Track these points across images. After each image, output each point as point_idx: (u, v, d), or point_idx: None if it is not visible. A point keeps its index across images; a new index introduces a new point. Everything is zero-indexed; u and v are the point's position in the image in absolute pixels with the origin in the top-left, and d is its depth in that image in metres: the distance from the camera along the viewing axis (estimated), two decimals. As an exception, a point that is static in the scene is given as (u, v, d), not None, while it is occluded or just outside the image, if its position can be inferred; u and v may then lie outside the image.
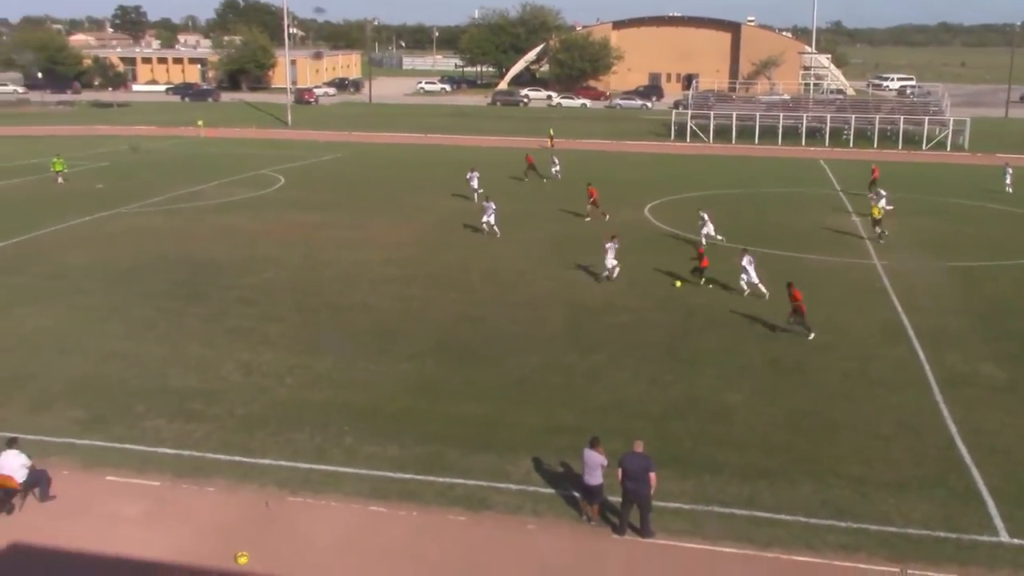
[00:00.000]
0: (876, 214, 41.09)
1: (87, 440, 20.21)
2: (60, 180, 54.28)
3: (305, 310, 29.75)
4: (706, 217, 38.94)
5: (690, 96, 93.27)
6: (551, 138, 76.95)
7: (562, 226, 43.05)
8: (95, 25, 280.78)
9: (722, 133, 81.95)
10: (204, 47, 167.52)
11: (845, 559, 15.93)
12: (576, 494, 17.67)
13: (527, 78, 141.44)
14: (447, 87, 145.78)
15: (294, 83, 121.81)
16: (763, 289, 30.97)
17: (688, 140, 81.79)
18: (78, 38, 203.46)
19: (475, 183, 49.46)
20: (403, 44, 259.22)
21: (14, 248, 37.85)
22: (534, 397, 22.84)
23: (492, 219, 40.63)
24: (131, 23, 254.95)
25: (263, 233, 41.20)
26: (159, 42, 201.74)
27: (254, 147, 74.74)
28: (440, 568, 15.72)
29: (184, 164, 64.41)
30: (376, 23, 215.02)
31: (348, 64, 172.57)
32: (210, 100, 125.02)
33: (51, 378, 23.81)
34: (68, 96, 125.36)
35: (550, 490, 18.21)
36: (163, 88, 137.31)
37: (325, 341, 26.44)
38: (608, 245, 32.99)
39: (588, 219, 44.31)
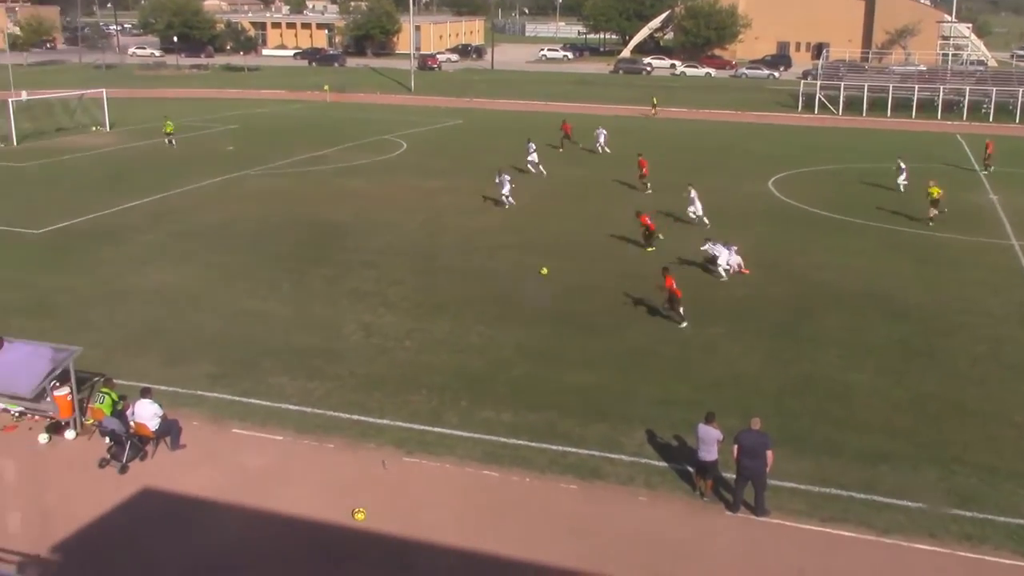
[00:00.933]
0: (935, 194, 37.38)
1: (215, 393, 21.01)
2: (170, 142, 56.05)
3: (424, 274, 30.19)
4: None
5: (820, 66, 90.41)
6: (654, 107, 76.11)
7: (675, 198, 42.39)
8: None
9: (852, 105, 79.24)
10: (332, 12, 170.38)
11: (969, 550, 15.41)
12: (690, 468, 17.53)
13: (651, 46, 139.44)
14: (569, 55, 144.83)
15: (418, 49, 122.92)
16: (721, 273, 29.75)
17: (816, 112, 79.43)
18: (212, 3, 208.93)
19: (533, 156, 48.18)
20: (526, 11, 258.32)
21: (149, 207, 39.42)
22: (649, 369, 22.70)
23: (507, 190, 39.94)
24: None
25: (384, 198, 41.88)
26: (288, 7, 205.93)
27: (377, 112, 75.88)
28: (550, 535, 15.83)
29: (309, 128, 65.82)
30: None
31: (471, 30, 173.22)
32: (336, 65, 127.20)
33: (183, 332, 24.80)
34: (201, 60, 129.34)
35: (663, 463, 18.11)
36: (291, 53, 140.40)
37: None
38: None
39: (649, 191, 43.16)
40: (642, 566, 15.04)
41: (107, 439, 18.17)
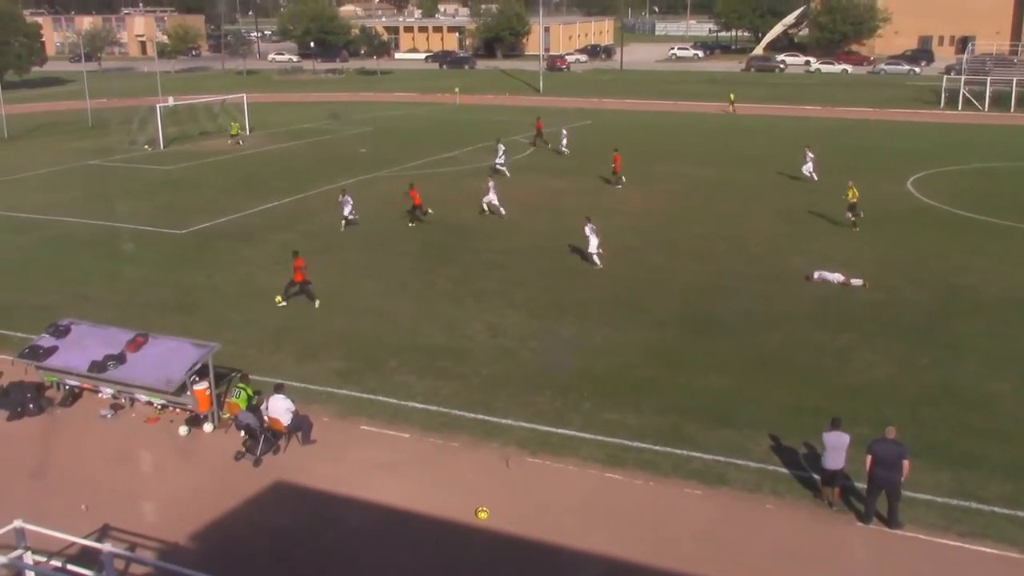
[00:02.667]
0: (851, 197, 35.13)
1: (345, 390, 21.53)
2: (235, 143, 59.06)
3: (550, 275, 30.24)
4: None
5: (964, 60, 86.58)
6: (732, 103, 75.71)
7: (800, 199, 41.26)
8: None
9: (1000, 101, 75.55)
10: (462, 16, 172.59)
11: (1123, 572, 14.52)
12: (816, 476, 17.03)
13: (784, 43, 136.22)
14: (700, 53, 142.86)
15: (547, 50, 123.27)
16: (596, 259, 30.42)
17: (960, 108, 76.04)
18: (347, 9, 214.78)
19: (501, 158, 47.59)
20: (656, 9, 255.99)
21: (287, 207, 40.70)
22: (778, 374, 22.17)
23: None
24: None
25: (511, 198, 42.05)
26: (421, 11, 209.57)
27: (506, 114, 76.41)
28: (674, 540, 15.64)
29: (439, 130, 66.79)
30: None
31: (601, 31, 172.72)
32: (466, 67, 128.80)
33: (315, 330, 25.51)
34: (336, 64, 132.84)
35: (791, 471, 17.66)
36: (423, 56, 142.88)
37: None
38: (588, 227, 31.01)
39: (620, 186, 43.98)
40: (768, 575, 14.72)
41: (242, 433, 18.84)
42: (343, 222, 36.32)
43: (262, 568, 15.27)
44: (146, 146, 59.45)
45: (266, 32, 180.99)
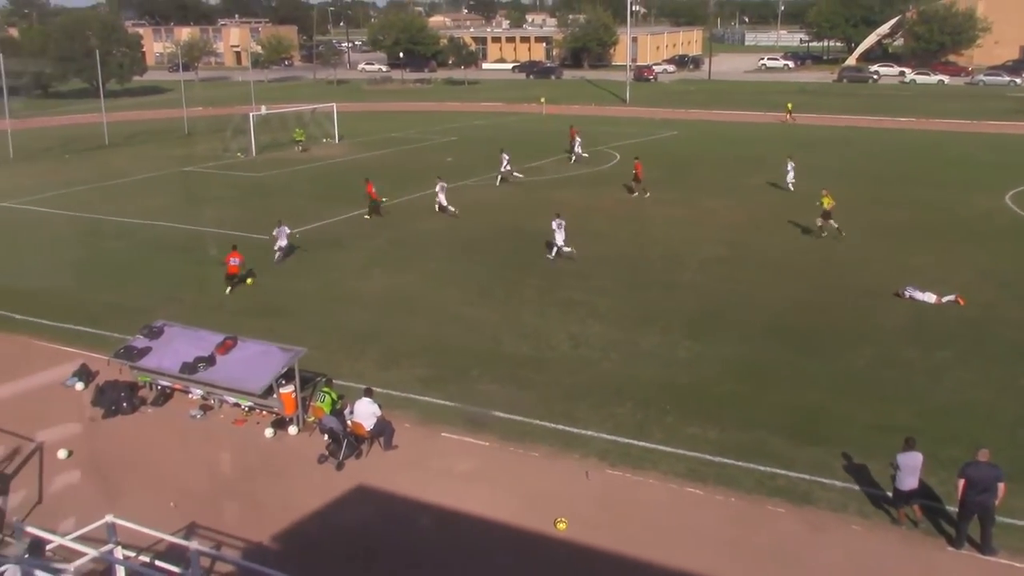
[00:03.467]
0: (826, 204, 35.40)
1: (427, 397, 21.68)
2: (301, 149, 61.08)
3: (633, 286, 30.04)
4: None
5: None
6: (789, 112, 76.04)
7: (893, 213, 40.24)
8: (452, 6, 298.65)
9: (1105, 113, 72.78)
10: (550, 26, 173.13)
11: None
12: (888, 494, 16.52)
13: (878, 53, 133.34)
14: (790, 63, 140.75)
15: (634, 60, 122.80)
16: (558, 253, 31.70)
17: (1063, 120, 73.45)
18: (436, 20, 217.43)
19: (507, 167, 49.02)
20: (746, 19, 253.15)
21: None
22: (867, 392, 21.63)
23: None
24: (484, 4, 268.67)
25: (596, 208, 42.02)
26: (508, 22, 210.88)
27: (592, 124, 76.20)
28: (756, 558, 15.35)
29: (525, 140, 66.98)
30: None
31: (689, 41, 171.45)
32: (553, 78, 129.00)
33: (399, 336, 25.76)
34: (424, 74, 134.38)
35: (880, 492, 17.17)
36: (510, 66, 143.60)
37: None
38: (556, 223, 32.91)
39: (635, 195, 44.46)
40: (853, 598, 14.35)
41: (326, 436, 19.11)
42: (276, 254, 33.81)
43: (341, 571, 15.44)
44: (239, 153, 60.90)
45: (357, 43, 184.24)
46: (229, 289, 30.02)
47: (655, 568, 15.18)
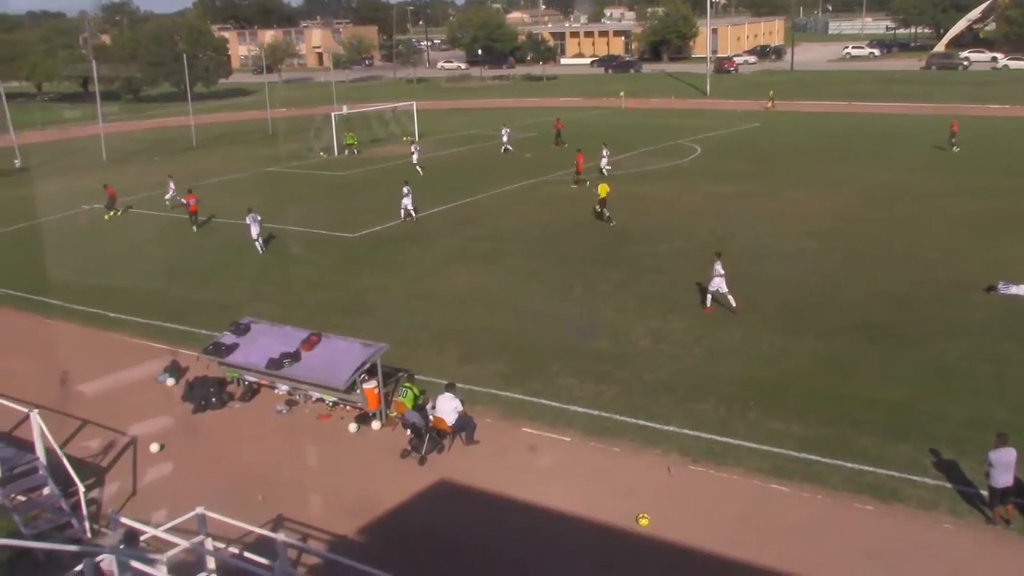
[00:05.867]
0: (602, 192, 37.54)
1: (508, 392, 21.75)
2: (351, 152, 60.92)
3: (715, 281, 29.65)
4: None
5: None
6: (771, 99, 78.24)
7: (983, 203, 38.99)
8: (530, 2, 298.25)
9: None
10: (628, 19, 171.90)
11: None
12: (983, 492, 16.02)
13: (968, 39, 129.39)
14: (875, 51, 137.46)
15: (714, 52, 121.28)
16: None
17: None
18: (514, 16, 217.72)
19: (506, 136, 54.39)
20: (829, 8, 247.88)
21: (453, 211, 41.51)
22: (959, 387, 21.03)
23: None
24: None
25: (676, 202, 41.66)
26: (586, 16, 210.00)
27: (672, 117, 75.65)
28: (842, 556, 15.05)
29: (604, 135, 66.58)
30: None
31: (771, 31, 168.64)
32: (632, 71, 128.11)
33: (480, 332, 25.90)
34: (503, 71, 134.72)
35: (972, 490, 16.68)
36: (588, 61, 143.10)
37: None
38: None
39: (575, 187, 45.16)
40: (945, 599, 13.98)
41: (408, 431, 19.31)
42: (257, 243, 35.46)
43: (424, 565, 15.59)
44: (321, 153, 61.86)
45: (436, 41, 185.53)
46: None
47: (740, 565, 15.00)
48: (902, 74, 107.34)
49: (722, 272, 26.35)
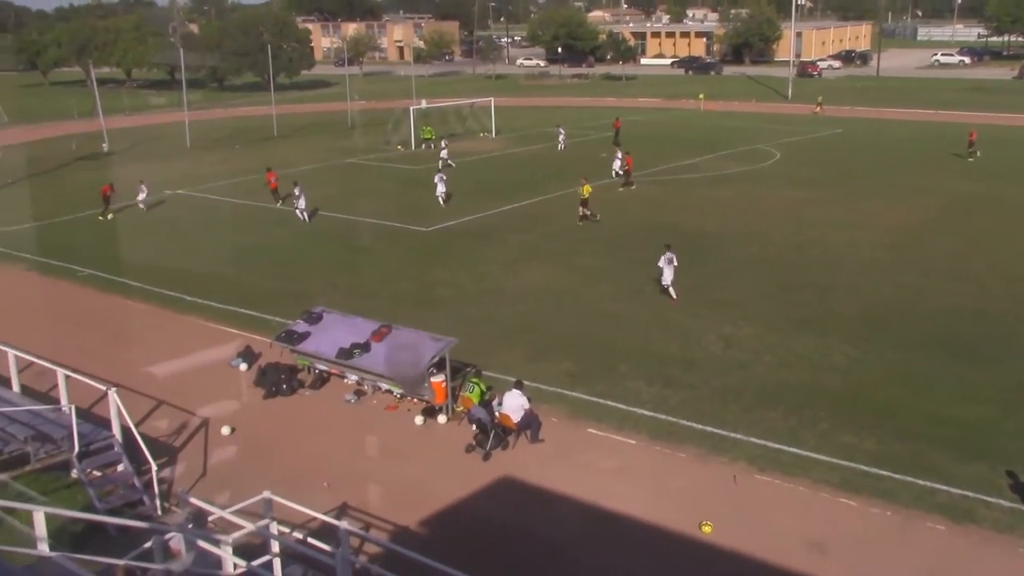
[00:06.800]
0: (584, 193, 38.06)
1: (574, 392, 21.69)
2: (427, 147, 60.67)
3: (789, 288, 29.24)
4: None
5: None
6: (819, 104, 78.94)
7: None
8: (612, 1, 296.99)
9: None
10: (711, 21, 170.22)
11: None
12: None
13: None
14: (966, 59, 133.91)
15: (798, 56, 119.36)
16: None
17: None
18: (595, 15, 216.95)
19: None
20: (919, 13, 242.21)
21: (527, 208, 41.55)
22: (1040, 407, 20.40)
23: (442, 190, 42.54)
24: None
25: (752, 207, 41.11)
26: (668, 16, 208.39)
27: (751, 121, 74.66)
28: (909, 575, 14.70)
29: (682, 137, 66.12)
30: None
31: (857, 36, 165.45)
32: (712, 73, 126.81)
33: (549, 330, 25.87)
34: (583, 69, 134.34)
35: (1051, 514, 16.18)
36: (669, 62, 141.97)
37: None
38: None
39: (621, 190, 45.05)
40: (1017, 625, 13.57)
41: (474, 427, 19.37)
42: (303, 213, 40.07)
43: (484, 560, 15.59)
44: (399, 146, 62.39)
45: (516, 38, 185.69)
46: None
47: (803, 578, 14.76)
48: (993, 83, 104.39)
49: (662, 264, 27.97)
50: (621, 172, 47.12)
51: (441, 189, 42.58)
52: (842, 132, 67.19)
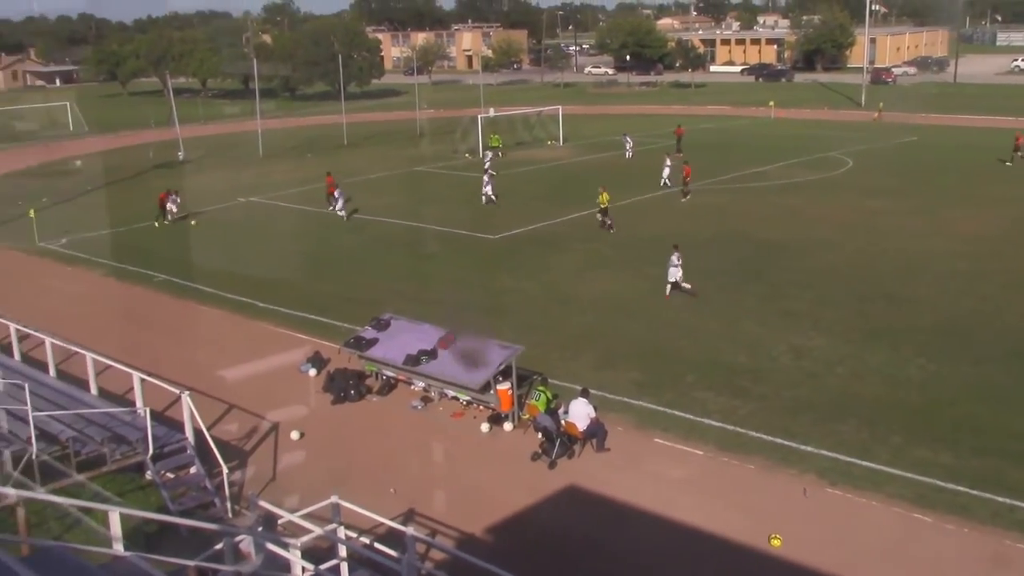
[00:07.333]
0: (603, 202, 38.50)
1: (641, 401, 21.52)
2: (497, 154, 59.53)
3: (862, 299, 28.68)
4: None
5: None
6: (879, 111, 78.93)
7: None
8: (681, 9, 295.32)
9: None
10: (782, 27, 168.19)
11: None
12: None
13: None
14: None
15: (871, 62, 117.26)
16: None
17: None
18: (664, 22, 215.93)
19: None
20: (999, 19, 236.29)
21: (593, 217, 41.26)
22: (1126, 424, 19.70)
23: (490, 190, 44.63)
24: (714, 6, 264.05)
25: (824, 216, 40.45)
26: (738, 23, 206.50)
27: (824, 128, 73.55)
28: (989, 596, 14.30)
29: (752, 144, 65.36)
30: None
31: (933, 41, 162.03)
32: (783, 80, 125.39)
33: (615, 339, 25.73)
34: (651, 77, 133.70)
35: None
36: (738, 69, 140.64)
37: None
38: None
39: (684, 200, 44.55)
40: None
41: (540, 435, 19.33)
42: (342, 212, 42.82)
43: (549, 568, 15.58)
44: (467, 154, 62.69)
45: (584, 46, 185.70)
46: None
47: (875, 596, 14.42)
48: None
49: (677, 263, 28.88)
50: (669, 182, 46.83)
51: (488, 189, 45.00)
52: (917, 140, 65.85)
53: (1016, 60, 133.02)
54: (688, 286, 28.97)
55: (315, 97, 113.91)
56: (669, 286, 29.15)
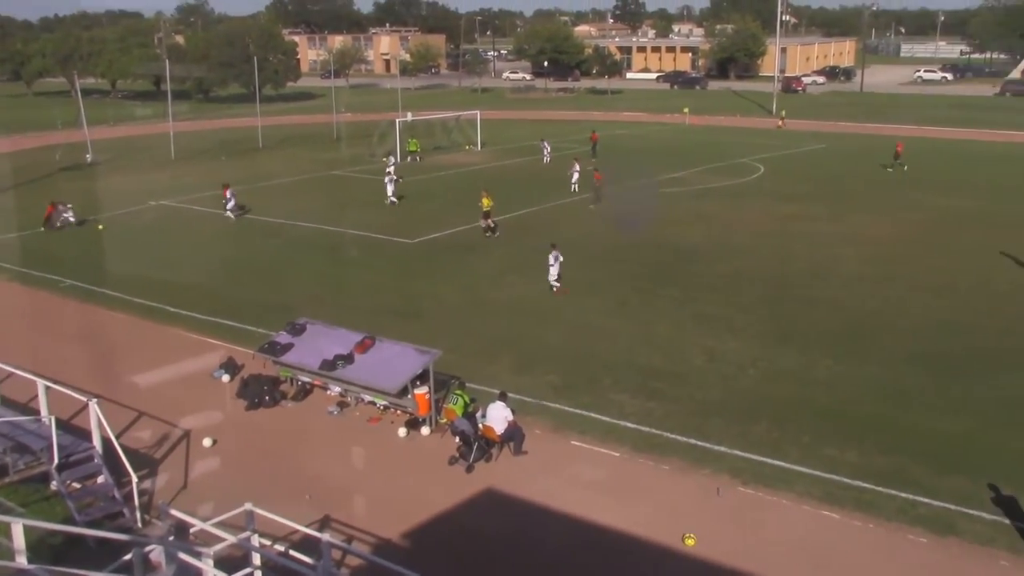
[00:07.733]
0: (485, 205, 38.74)
1: (558, 404, 21.65)
2: (412, 159, 61.43)
3: (774, 302, 29.33)
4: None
5: None
6: (782, 119, 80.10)
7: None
8: (598, 16, 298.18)
9: None
10: (696, 36, 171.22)
11: None
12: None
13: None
14: (948, 76, 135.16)
15: (782, 71, 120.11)
16: None
17: None
18: (582, 29, 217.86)
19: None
20: (903, 30, 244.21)
21: (510, 221, 41.50)
22: (1022, 420, 20.48)
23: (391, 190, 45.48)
24: (630, 14, 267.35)
25: (737, 222, 41.27)
26: (654, 31, 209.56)
27: (736, 135, 75.05)
28: (894, 589, 14.73)
29: (667, 150, 66.38)
30: (875, 8, 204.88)
31: (841, 52, 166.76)
32: (697, 88, 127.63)
33: (533, 343, 25.84)
34: (568, 83, 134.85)
35: (1032, 527, 16.23)
36: (654, 76, 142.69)
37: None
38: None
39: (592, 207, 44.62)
40: (998, 638, 13.59)
41: (457, 438, 19.31)
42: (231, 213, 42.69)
43: (466, 572, 15.56)
44: (384, 158, 62.31)
45: (502, 51, 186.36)
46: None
47: (786, 591, 14.74)
48: (975, 100, 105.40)
49: (553, 262, 30.02)
50: (578, 187, 47.29)
51: (390, 190, 46.01)
52: (826, 147, 67.61)
53: (919, 71, 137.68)
54: (558, 285, 30.17)
55: (229, 99, 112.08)
56: (554, 286, 30.23)
